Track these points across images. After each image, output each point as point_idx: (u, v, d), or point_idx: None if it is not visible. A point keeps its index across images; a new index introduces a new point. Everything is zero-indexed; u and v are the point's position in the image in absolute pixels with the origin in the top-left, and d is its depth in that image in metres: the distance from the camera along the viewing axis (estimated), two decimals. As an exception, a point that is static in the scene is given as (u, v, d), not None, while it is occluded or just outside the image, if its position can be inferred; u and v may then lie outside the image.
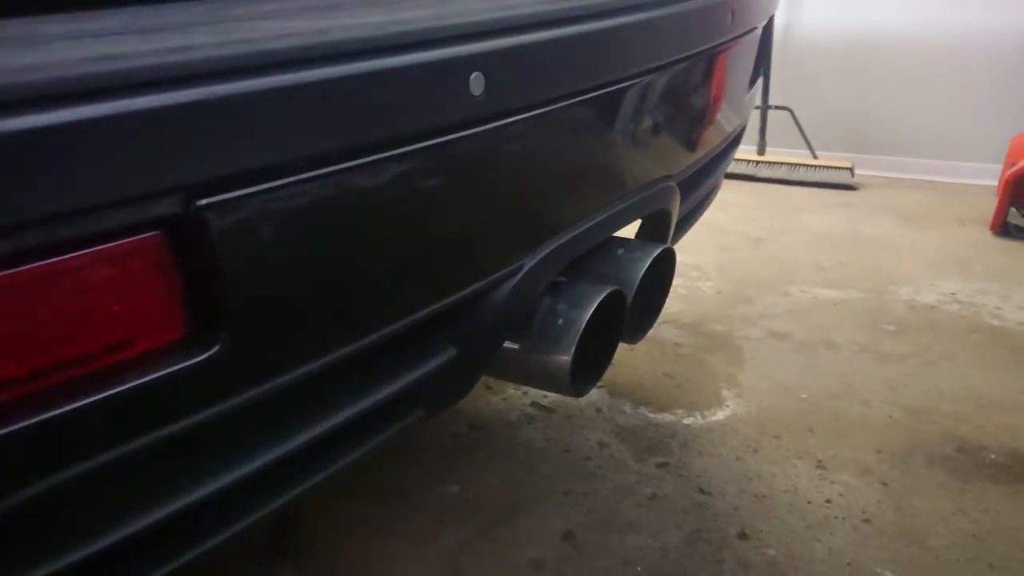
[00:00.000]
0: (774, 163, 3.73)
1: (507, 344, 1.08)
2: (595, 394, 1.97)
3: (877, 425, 1.85)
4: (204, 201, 0.61)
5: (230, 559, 1.47)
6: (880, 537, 1.50)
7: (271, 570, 1.45)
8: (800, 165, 3.70)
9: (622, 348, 1.25)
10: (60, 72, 0.54)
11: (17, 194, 0.52)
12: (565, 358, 1.05)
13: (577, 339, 1.04)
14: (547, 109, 0.90)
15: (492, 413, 1.91)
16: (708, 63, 1.27)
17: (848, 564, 1.44)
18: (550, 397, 1.96)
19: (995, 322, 2.36)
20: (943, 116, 3.69)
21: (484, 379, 1.67)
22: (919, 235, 3.07)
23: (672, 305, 2.14)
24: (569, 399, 1.94)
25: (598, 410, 1.91)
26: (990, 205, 3.10)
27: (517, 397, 1.96)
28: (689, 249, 1.91)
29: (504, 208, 0.95)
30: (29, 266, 0.55)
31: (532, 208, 0.99)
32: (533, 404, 1.94)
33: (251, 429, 0.79)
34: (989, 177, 3.45)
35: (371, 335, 0.80)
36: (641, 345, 2.16)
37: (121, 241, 0.59)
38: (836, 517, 1.56)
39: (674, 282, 1.41)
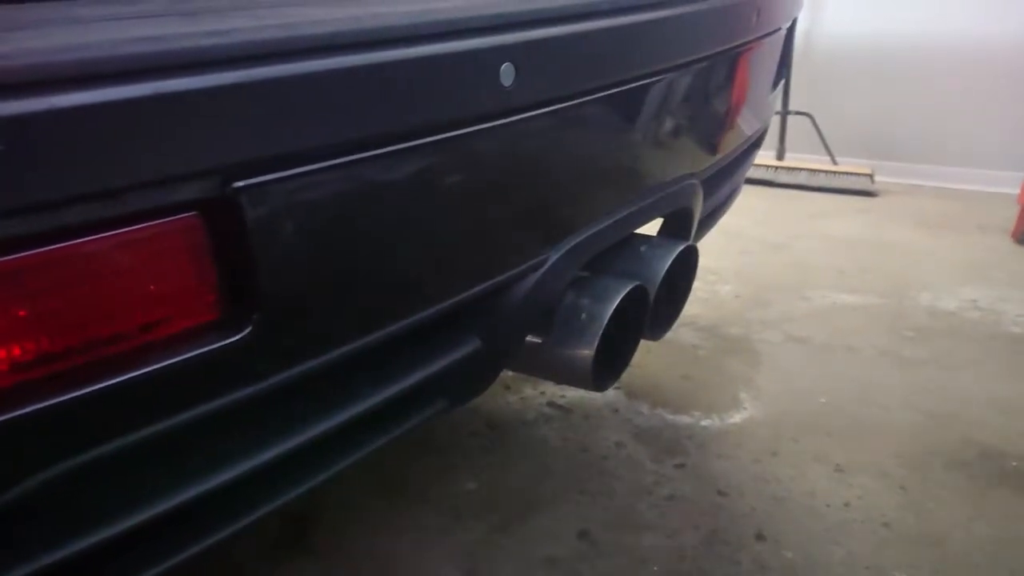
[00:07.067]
0: (793, 168, 3.71)
1: (530, 338, 1.08)
2: (612, 395, 1.96)
3: (896, 430, 1.84)
4: (240, 183, 0.61)
5: (251, 554, 1.47)
6: (899, 541, 1.49)
7: (291, 565, 1.46)
8: (820, 171, 3.68)
9: (639, 350, 1.25)
10: (102, 52, 0.54)
11: (54, 173, 0.53)
12: (588, 352, 1.05)
13: (600, 333, 1.04)
14: (576, 102, 0.91)
15: (510, 412, 1.91)
16: (734, 61, 1.27)
17: (867, 568, 1.43)
18: (567, 397, 1.96)
19: (1016, 329, 2.34)
20: (964, 123, 3.67)
21: (502, 378, 1.67)
22: (940, 242, 3.05)
23: (690, 308, 2.13)
24: (586, 399, 1.94)
25: (615, 411, 1.91)
26: (1011, 213, 3.08)
27: (534, 397, 1.96)
28: (708, 253, 1.90)
29: (530, 200, 0.95)
30: (63, 244, 0.56)
31: (558, 201, 1.00)
32: (550, 404, 1.93)
33: (278, 414, 0.79)
34: (1011, 185, 3.42)
35: (399, 323, 0.81)
36: (658, 347, 2.16)
37: (158, 221, 0.59)
38: (855, 520, 1.55)
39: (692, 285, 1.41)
